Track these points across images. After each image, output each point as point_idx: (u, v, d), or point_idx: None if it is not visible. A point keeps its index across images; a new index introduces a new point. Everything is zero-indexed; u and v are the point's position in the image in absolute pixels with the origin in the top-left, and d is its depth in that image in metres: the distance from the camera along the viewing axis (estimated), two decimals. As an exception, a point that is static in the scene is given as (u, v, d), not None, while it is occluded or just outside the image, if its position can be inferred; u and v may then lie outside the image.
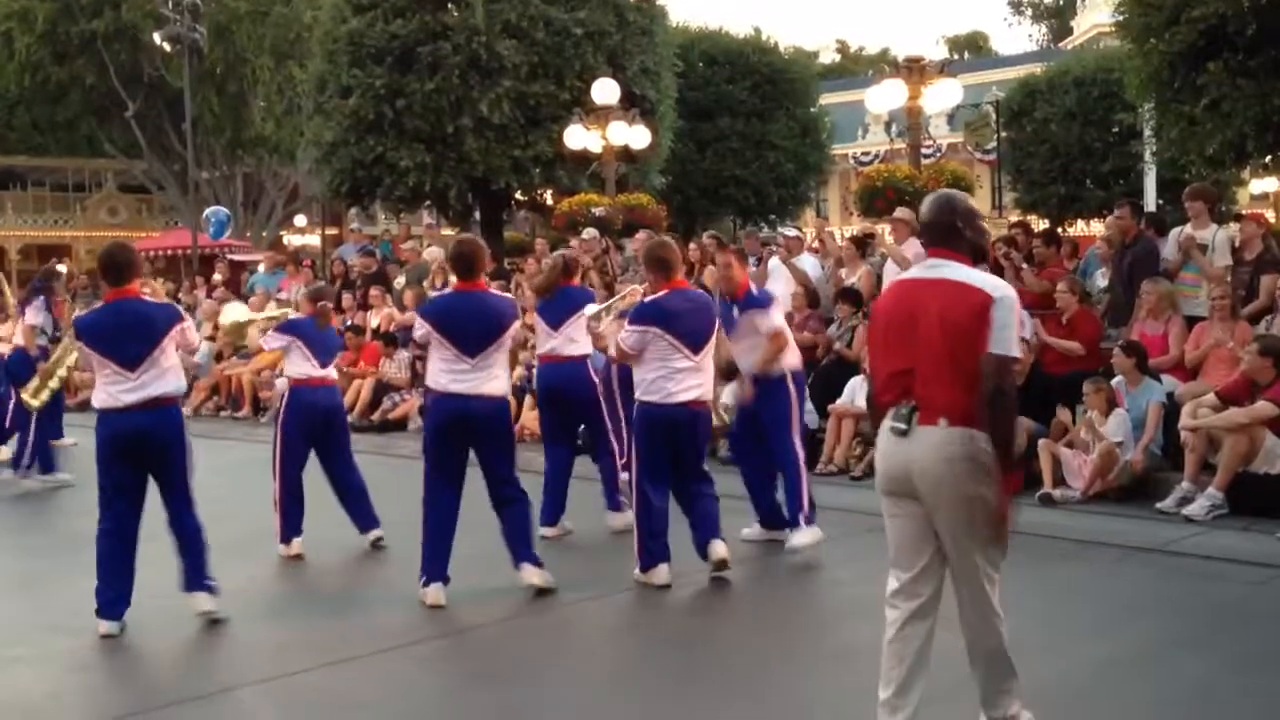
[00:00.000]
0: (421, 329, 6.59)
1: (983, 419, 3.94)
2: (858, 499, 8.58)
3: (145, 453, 6.15)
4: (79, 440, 12.06)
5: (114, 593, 6.15)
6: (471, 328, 6.46)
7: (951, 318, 4.01)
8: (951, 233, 4.19)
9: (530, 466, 7.78)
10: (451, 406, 6.47)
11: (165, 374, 6.16)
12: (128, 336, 6.12)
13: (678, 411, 6.73)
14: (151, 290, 6.87)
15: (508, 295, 6.95)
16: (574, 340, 8.10)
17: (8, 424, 11.79)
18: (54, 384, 10.10)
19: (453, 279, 6.99)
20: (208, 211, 25.21)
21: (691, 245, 13.85)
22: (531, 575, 6.61)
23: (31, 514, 9.99)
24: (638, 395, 6.89)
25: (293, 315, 8.19)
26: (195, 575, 6.29)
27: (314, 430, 7.87)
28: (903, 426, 4.07)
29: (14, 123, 44.13)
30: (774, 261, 12.59)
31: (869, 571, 7.12)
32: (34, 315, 10.72)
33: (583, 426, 8.53)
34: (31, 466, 10.61)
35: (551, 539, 7.90)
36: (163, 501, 6.29)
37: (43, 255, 44.20)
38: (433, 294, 11.91)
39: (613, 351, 7.17)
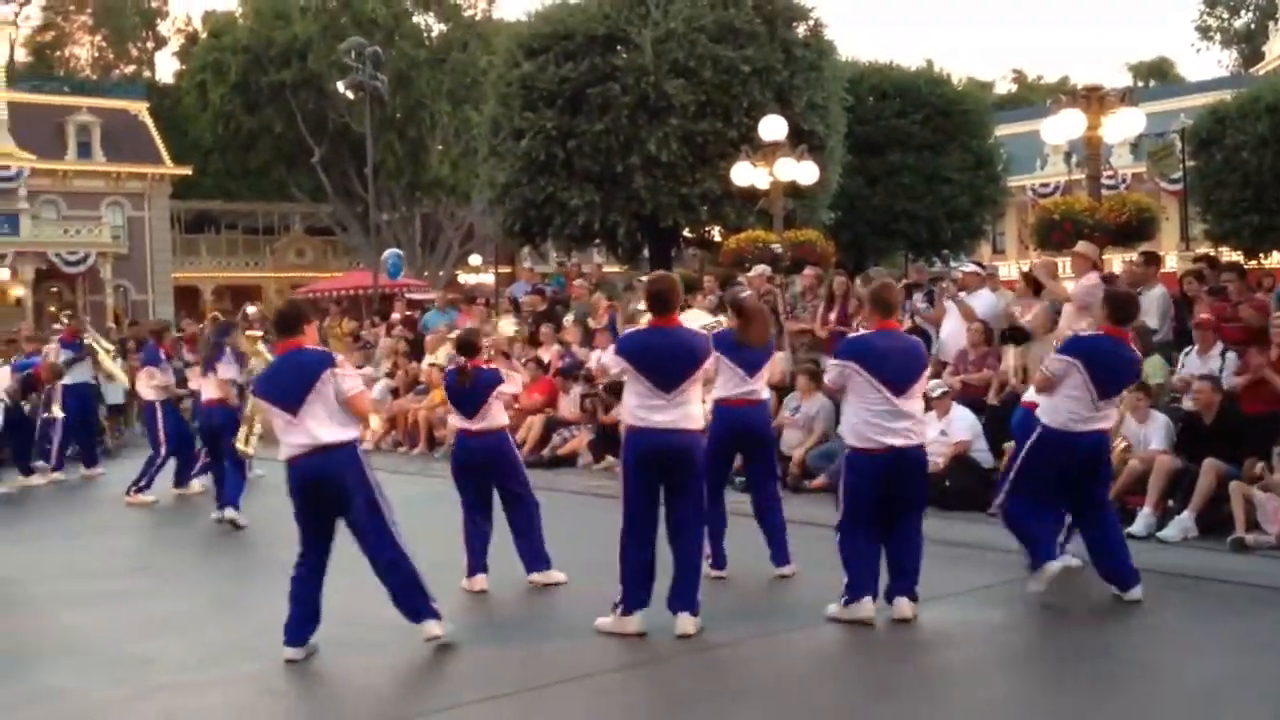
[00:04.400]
0: (617, 365, 6.68)
1: None
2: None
3: (323, 496, 6.30)
4: (266, 473, 12.59)
5: (298, 621, 6.34)
6: (667, 363, 6.51)
7: None
8: None
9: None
10: (651, 440, 6.51)
11: (327, 420, 6.24)
12: (288, 384, 6.28)
13: (883, 455, 6.65)
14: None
15: (701, 331, 6.95)
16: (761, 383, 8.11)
17: (199, 464, 12.43)
18: (258, 428, 10.54)
19: (647, 315, 7.02)
20: (385, 253, 26.12)
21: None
22: (687, 624, 6.52)
23: (228, 542, 10.43)
24: (847, 440, 6.86)
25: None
26: (411, 604, 6.35)
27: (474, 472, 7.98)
28: None
29: (209, 169, 46.58)
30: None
31: (1042, 617, 6.95)
32: (226, 369, 11.12)
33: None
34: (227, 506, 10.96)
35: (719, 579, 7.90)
36: (355, 540, 6.41)
37: (234, 295, 46.39)
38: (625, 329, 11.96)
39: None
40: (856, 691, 5.81)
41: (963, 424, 10.45)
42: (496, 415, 7.89)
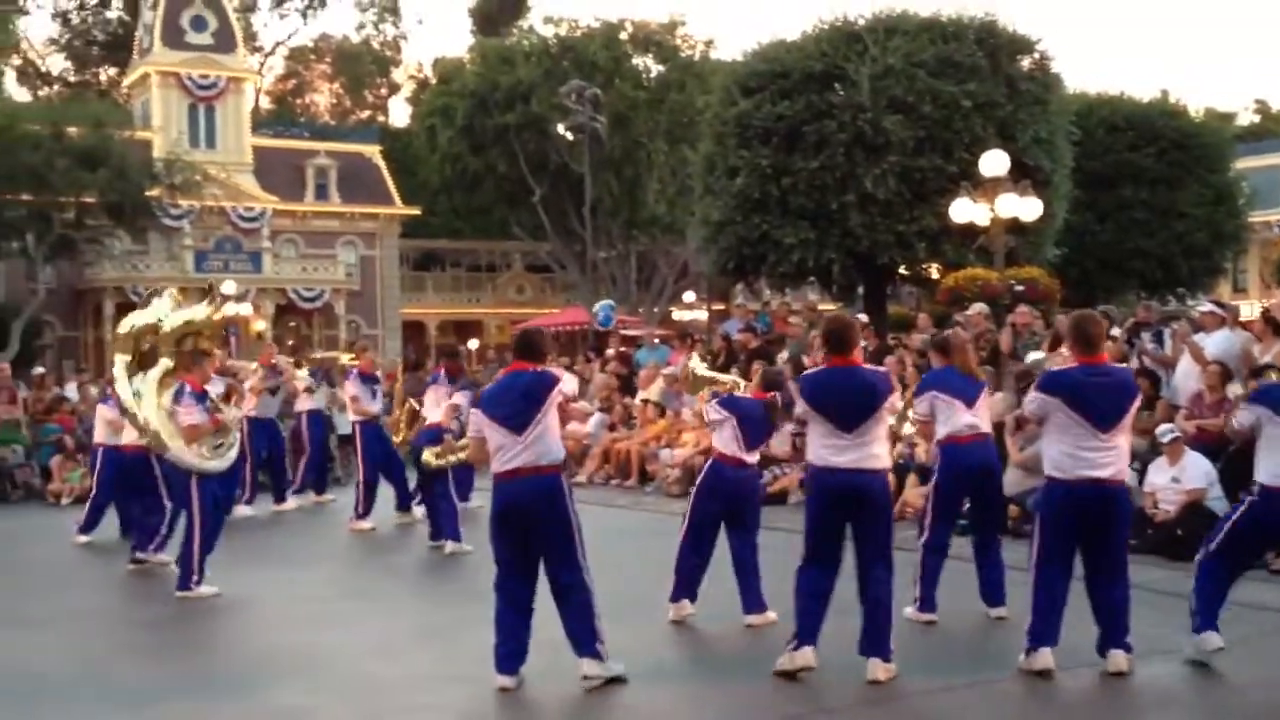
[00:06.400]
0: (800, 406, 6.68)
1: None
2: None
3: (528, 518, 6.38)
4: (482, 504, 12.91)
5: (506, 649, 6.41)
6: (846, 402, 6.43)
7: None
8: None
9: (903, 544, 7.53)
10: (834, 481, 6.43)
11: (546, 442, 6.36)
12: (515, 405, 6.37)
13: (1084, 489, 6.36)
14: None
15: (881, 369, 6.88)
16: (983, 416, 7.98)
17: (417, 494, 12.78)
18: (454, 458, 10.84)
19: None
20: (597, 306, 26.57)
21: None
22: (877, 670, 6.34)
23: (443, 568, 10.71)
24: (1045, 471, 6.63)
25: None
26: (583, 640, 6.41)
27: (725, 504, 7.93)
28: None
29: (436, 209, 48.42)
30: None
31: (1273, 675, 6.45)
32: (461, 397, 11.50)
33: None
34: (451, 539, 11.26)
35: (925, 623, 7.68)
36: (544, 565, 6.46)
37: (458, 330, 48.05)
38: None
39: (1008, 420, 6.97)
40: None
41: (1197, 470, 9.87)
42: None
